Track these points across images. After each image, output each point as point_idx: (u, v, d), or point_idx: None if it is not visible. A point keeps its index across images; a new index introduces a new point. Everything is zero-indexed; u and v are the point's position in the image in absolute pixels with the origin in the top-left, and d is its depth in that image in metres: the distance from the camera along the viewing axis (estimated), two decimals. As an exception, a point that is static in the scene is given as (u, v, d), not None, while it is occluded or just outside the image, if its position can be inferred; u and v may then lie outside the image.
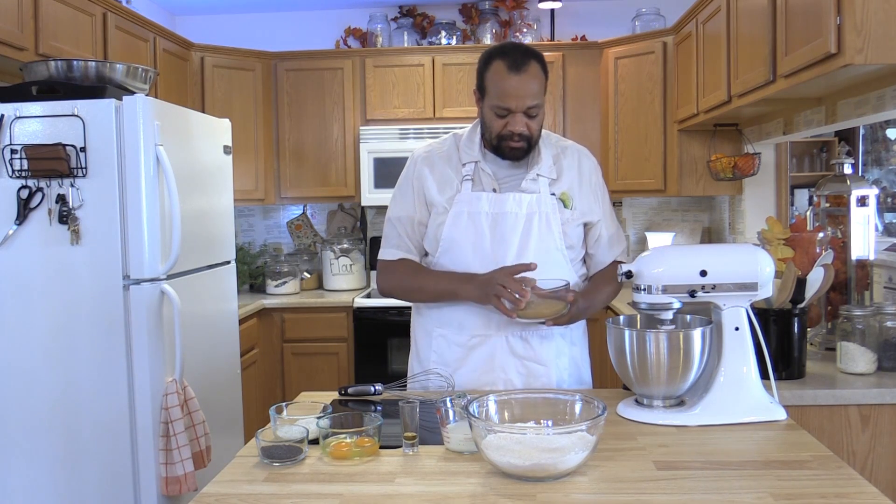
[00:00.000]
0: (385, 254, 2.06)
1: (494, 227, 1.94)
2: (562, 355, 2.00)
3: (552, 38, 4.51)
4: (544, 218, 1.94)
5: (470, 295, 1.90)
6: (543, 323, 1.86)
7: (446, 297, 1.96)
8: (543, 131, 2.03)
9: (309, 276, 4.53)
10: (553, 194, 1.97)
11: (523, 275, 1.81)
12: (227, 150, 3.18)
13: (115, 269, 2.45)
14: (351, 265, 4.43)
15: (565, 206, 1.97)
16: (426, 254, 2.05)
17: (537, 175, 1.97)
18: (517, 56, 1.88)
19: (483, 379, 1.96)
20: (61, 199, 2.42)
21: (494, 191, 1.96)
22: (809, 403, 1.93)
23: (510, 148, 1.92)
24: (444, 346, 2.01)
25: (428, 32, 4.56)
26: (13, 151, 2.40)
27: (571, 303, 1.84)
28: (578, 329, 2.08)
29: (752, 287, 1.63)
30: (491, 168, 1.98)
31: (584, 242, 2.05)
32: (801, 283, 1.98)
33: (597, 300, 2.01)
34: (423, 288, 2.00)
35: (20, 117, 2.41)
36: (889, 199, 5.80)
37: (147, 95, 2.52)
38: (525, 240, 1.93)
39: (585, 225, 2.03)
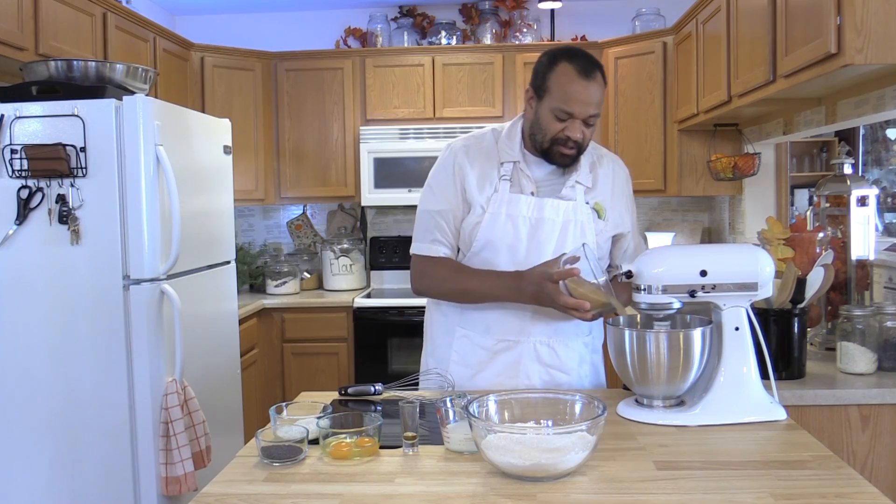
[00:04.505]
0: (421, 248, 1.96)
1: (533, 232, 1.88)
2: (584, 363, 1.99)
3: (552, 38, 4.51)
4: (579, 227, 1.90)
5: (521, 300, 1.83)
6: (610, 313, 1.77)
7: (493, 300, 1.89)
8: None
9: (309, 276, 4.53)
10: (587, 203, 1.92)
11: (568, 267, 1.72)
12: (227, 150, 3.18)
13: (115, 269, 2.45)
14: (351, 265, 4.43)
15: (599, 217, 1.93)
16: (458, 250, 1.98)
17: (576, 182, 1.92)
18: (586, 62, 1.84)
19: (506, 384, 1.91)
20: (61, 199, 2.42)
21: (532, 194, 1.90)
22: (809, 403, 1.93)
23: (561, 154, 1.86)
24: (466, 347, 1.96)
25: (428, 32, 4.56)
26: (13, 151, 2.40)
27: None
28: (601, 337, 2.05)
29: (752, 287, 1.63)
30: (530, 170, 1.93)
31: (610, 254, 2.01)
32: (801, 283, 1.98)
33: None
34: (468, 291, 1.91)
35: (20, 117, 2.41)
36: (889, 199, 5.79)
37: (147, 95, 2.52)
38: (560, 248, 1.87)
39: (614, 237, 1.98)
